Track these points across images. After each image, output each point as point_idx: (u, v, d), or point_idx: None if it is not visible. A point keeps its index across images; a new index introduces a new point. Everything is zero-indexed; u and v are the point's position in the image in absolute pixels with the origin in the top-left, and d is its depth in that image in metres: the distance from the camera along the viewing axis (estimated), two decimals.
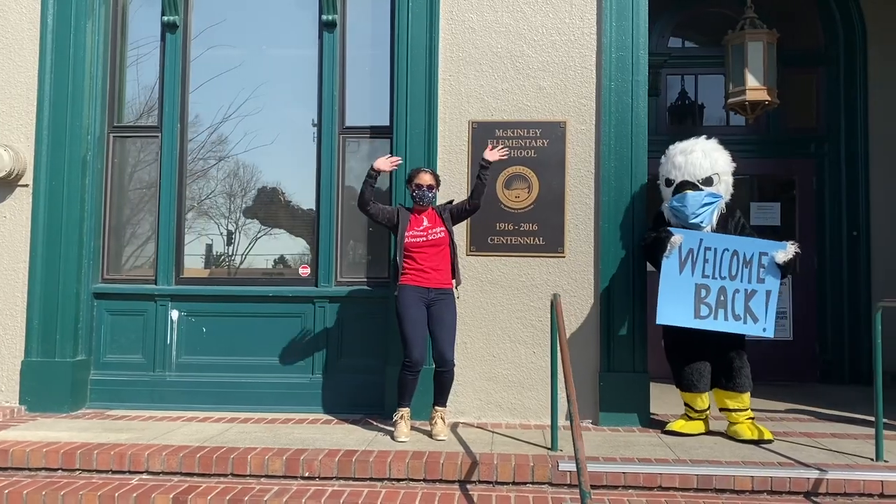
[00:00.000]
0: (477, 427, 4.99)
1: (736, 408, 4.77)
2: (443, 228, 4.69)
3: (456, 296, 4.79)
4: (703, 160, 4.77)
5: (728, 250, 4.58)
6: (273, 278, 5.76)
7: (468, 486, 4.03)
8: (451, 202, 4.86)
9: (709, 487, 3.97)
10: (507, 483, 4.05)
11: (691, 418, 4.86)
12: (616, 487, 4.01)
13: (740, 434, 4.66)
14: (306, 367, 5.47)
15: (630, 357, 5.11)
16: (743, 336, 4.82)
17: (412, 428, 4.77)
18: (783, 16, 7.52)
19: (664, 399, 5.78)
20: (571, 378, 3.63)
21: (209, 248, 6.02)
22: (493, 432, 4.84)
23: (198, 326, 5.58)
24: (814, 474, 3.95)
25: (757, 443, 4.57)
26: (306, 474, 4.12)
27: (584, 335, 5.17)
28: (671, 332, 4.87)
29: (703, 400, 4.81)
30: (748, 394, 4.79)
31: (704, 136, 4.98)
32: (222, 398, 5.45)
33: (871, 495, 3.91)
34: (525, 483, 4.05)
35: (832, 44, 7.49)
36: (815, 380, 7.31)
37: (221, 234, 6.06)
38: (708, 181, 4.74)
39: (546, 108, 5.28)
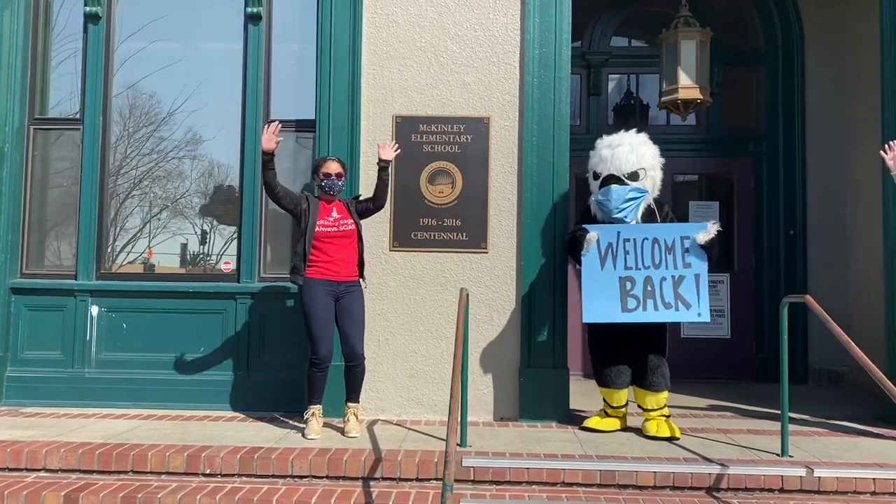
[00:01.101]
0: (395, 424, 4.95)
1: (651, 407, 4.76)
2: (352, 221, 4.64)
3: (363, 286, 4.73)
4: (630, 154, 4.74)
5: (648, 239, 4.53)
6: (196, 274, 5.69)
7: (371, 483, 3.98)
8: (356, 197, 4.82)
9: (612, 483, 3.95)
10: (410, 479, 4.01)
11: (608, 415, 4.86)
12: (519, 483, 3.99)
13: (649, 431, 4.66)
14: (227, 365, 5.39)
15: (551, 353, 5.10)
16: (663, 336, 4.81)
17: (328, 426, 4.72)
18: (725, 15, 7.59)
19: (597, 396, 5.76)
20: (459, 373, 3.59)
21: (136, 243, 5.93)
22: (409, 429, 4.80)
23: (118, 322, 5.49)
24: (716, 469, 3.95)
25: (668, 440, 4.56)
26: (207, 471, 4.05)
27: (506, 331, 5.15)
28: (593, 328, 4.85)
29: (621, 397, 4.80)
30: (665, 393, 4.78)
31: (634, 130, 4.95)
32: (141, 395, 5.36)
33: (771, 490, 3.92)
34: (429, 479, 4.01)
35: (771, 43, 7.55)
36: (752, 378, 7.34)
37: (150, 228, 5.97)
38: (634, 176, 4.71)
39: (470, 103, 5.25)
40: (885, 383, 3.55)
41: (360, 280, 4.69)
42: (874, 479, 3.89)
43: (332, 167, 4.62)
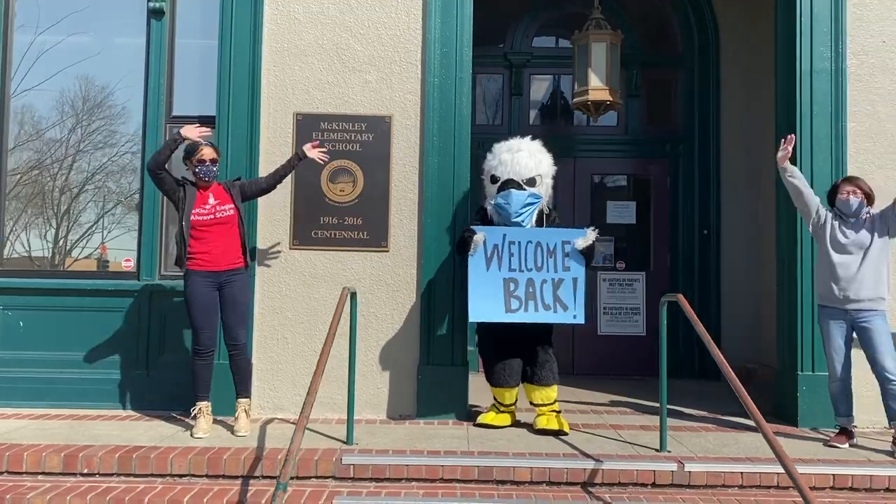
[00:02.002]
0: (292, 423, 4.92)
1: (541, 402, 4.84)
2: (232, 206, 4.60)
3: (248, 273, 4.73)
4: (529, 160, 4.81)
5: (532, 242, 4.63)
6: (97, 271, 5.61)
7: (250, 482, 3.97)
8: (238, 178, 4.80)
9: (489, 479, 4.01)
10: (290, 478, 4.00)
11: (500, 411, 4.92)
12: (399, 480, 4.02)
13: (539, 425, 4.75)
14: (126, 363, 5.33)
15: (449, 350, 5.14)
16: (549, 332, 4.89)
17: (221, 424, 4.72)
18: (645, 19, 7.72)
19: None
20: (322, 370, 3.61)
21: (40, 240, 5.83)
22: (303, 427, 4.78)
23: (15, 320, 5.38)
24: (590, 465, 4.03)
25: (556, 434, 4.64)
26: (85, 471, 4.01)
27: (406, 329, 5.18)
28: (482, 327, 4.91)
29: (511, 395, 4.87)
30: (554, 388, 4.86)
31: (530, 137, 5.03)
32: (38, 394, 5.27)
33: (643, 485, 4.01)
34: (309, 478, 4.02)
35: (688, 45, 7.69)
36: (667, 375, 7.46)
37: (56, 225, 5.87)
38: (531, 181, 4.78)
39: (372, 102, 5.26)
40: (736, 383, 3.68)
41: (245, 266, 4.66)
42: (742, 472, 4.01)
43: (207, 153, 4.56)
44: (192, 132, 4.52)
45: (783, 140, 4.73)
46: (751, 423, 5.06)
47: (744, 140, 7.41)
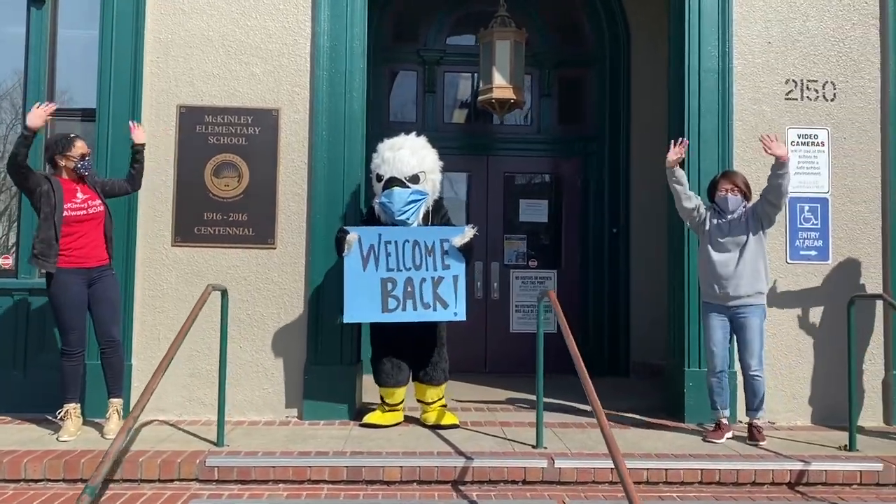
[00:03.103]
0: (171, 425, 4.79)
1: (431, 399, 4.81)
2: (100, 202, 4.46)
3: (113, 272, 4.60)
4: (411, 158, 4.75)
5: (409, 241, 4.57)
6: None
7: (109, 485, 3.83)
8: (96, 175, 4.65)
9: (359, 479, 3.94)
10: (152, 481, 3.89)
11: (387, 410, 4.85)
12: (266, 482, 3.93)
13: (428, 421, 4.75)
14: (2, 364, 5.10)
15: (338, 349, 5.05)
16: (440, 331, 4.85)
17: (92, 426, 4.56)
18: (558, 18, 7.74)
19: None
20: (162, 370, 3.51)
21: None
22: (180, 429, 4.66)
23: None
24: (460, 462, 3.99)
25: (443, 428, 4.63)
26: None
27: (293, 328, 5.07)
28: (374, 326, 4.84)
29: (399, 394, 4.82)
30: (444, 385, 4.85)
31: (414, 134, 4.97)
32: None
33: (514, 482, 3.98)
34: (171, 480, 3.90)
35: (600, 45, 7.72)
36: (576, 372, 7.47)
37: None
38: (415, 179, 4.72)
39: (259, 95, 5.15)
40: (583, 375, 3.70)
41: (111, 263, 4.52)
42: (611, 468, 4.00)
43: (83, 145, 4.42)
44: (38, 118, 4.23)
45: (674, 142, 4.77)
46: (643, 418, 5.14)
47: (653, 138, 7.42)
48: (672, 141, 4.83)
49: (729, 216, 4.66)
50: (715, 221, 4.68)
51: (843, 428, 4.97)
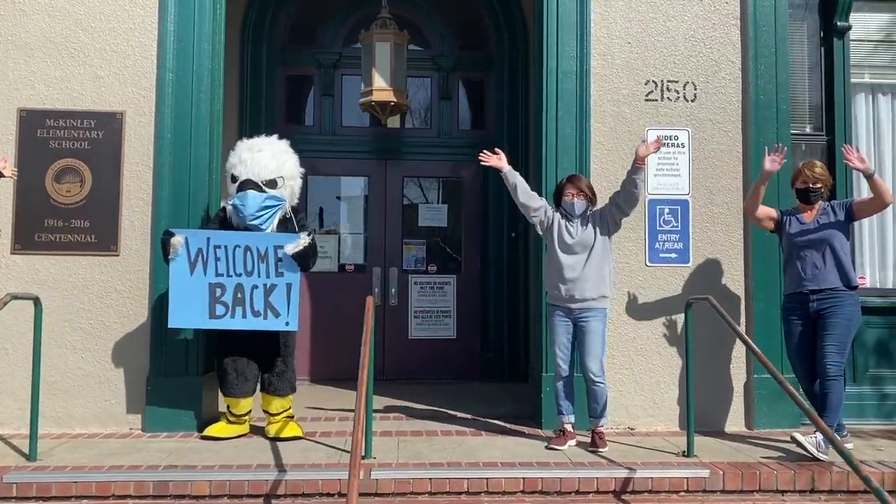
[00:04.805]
0: (5, 439, 4.62)
1: (277, 411, 4.68)
2: None
3: None
4: (270, 161, 4.62)
5: (240, 246, 4.44)
6: None
7: None
8: None
9: (165, 494, 3.80)
10: None
11: (231, 421, 4.71)
12: (68, 498, 3.79)
13: (271, 433, 4.63)
14: None
15: (183, 360, 4.90)
16: (288, 342, 4.72)
17: None
18: (460, 21, 7.66)
19: (317, 397, 5.86)
20: None
21: None
22: (6, 442, 4.48)
23: None
24: (273, 476, 3.85)
25: (284, 440, 4.53)
26: None
27: (136, 338, 4.92)
28: (220, 333, 4.70)
29: (243, 405, 4.68)
30: (290, 397, 4.73)
31: (276, 136, 4.85)
32: None
33: (329, 494, 3.85)
34: None
35: (500, 50, 7.65)
36: (477, 377, 7.39)
37: None
38: (272, 183, 4.59)
39: (103, 97, 5.00)
40: (361, 389, 3.54)
41: None
42: (431, 479, 3.90)
43: None
44: None
45: (495, 150, 4.70)
46: (507, 424, 5.05)
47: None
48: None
49: (576, 220, 4.58)
50: (564, 223, 4.60)
51: (707, 433, 4.93)
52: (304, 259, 4.46)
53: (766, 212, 4.72)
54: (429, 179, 7.82)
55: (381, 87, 6.36)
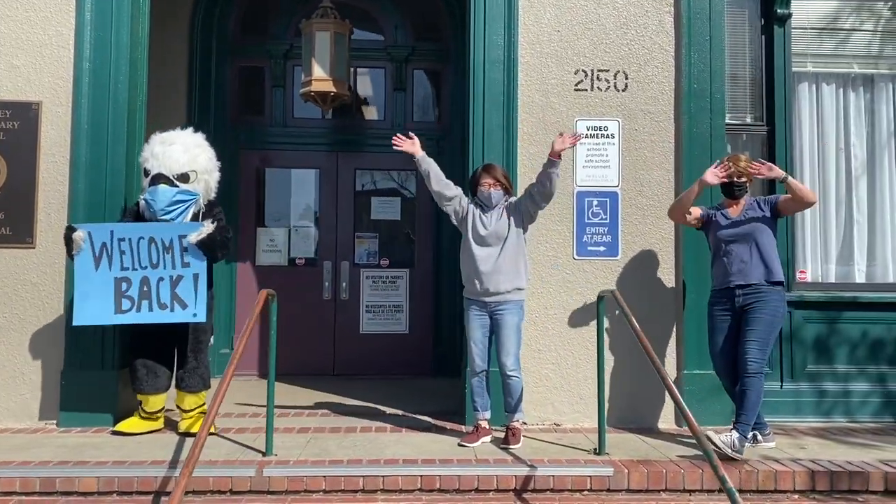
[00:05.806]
0: None
1: (190, 407, 4.61)
2: None
3: None
4: (182, 155, 4.53)
5: (144, 238, 4.34)
6: None
7: None
8: None
9: (52, 490, 3.74)
10: None
11: (143, 417, 4.63)
12: None
13: (182, 429, 4.57)
14: None
15: (99, 354, 4.83)
16: (196, 335, 4.63)
17: None
18: (415, 12, 7.53)
19: (256, 392, 5.79)
20: None
21: None
22: None
23: None
24: (163, 472, 3.77)
25: (193, 436, 4.39)
26: None
27: (51, 331, 4.85)
28: (131, 329, 4.62)
29: (154, 402, 4.60)
30: (203, 393, 4.65)
31: (191, 129, 4.76)
32: None
33: (221, 492, 3.77)
34: None
35: (454, 39, 7.52)
36: (429, 373, 7.28)
37: None
38: (184, 177, 4.50)
39: (19, 87, 4.93)
40: (221, 386, 3.43)
41: None
42: (325, 476, 3.81)
43: None
44: None
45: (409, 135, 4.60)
46: (434, 421, 4.97)
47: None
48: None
49: (491, 211, 4.47)
50: (478, 213, 4.50)
51: (636, 430, 4.83)
52: (211, 248, 4.36)
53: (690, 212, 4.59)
54: (382, 172, 7.71)
55: (320, 77, 6.25)
